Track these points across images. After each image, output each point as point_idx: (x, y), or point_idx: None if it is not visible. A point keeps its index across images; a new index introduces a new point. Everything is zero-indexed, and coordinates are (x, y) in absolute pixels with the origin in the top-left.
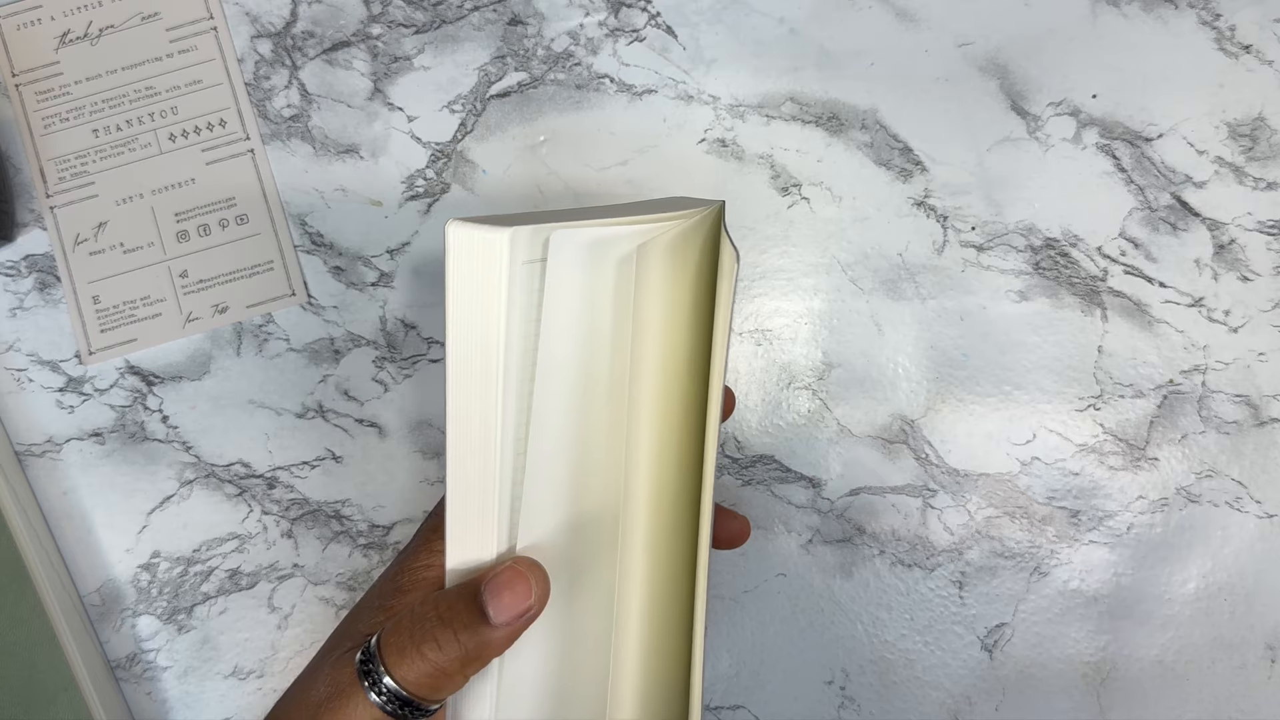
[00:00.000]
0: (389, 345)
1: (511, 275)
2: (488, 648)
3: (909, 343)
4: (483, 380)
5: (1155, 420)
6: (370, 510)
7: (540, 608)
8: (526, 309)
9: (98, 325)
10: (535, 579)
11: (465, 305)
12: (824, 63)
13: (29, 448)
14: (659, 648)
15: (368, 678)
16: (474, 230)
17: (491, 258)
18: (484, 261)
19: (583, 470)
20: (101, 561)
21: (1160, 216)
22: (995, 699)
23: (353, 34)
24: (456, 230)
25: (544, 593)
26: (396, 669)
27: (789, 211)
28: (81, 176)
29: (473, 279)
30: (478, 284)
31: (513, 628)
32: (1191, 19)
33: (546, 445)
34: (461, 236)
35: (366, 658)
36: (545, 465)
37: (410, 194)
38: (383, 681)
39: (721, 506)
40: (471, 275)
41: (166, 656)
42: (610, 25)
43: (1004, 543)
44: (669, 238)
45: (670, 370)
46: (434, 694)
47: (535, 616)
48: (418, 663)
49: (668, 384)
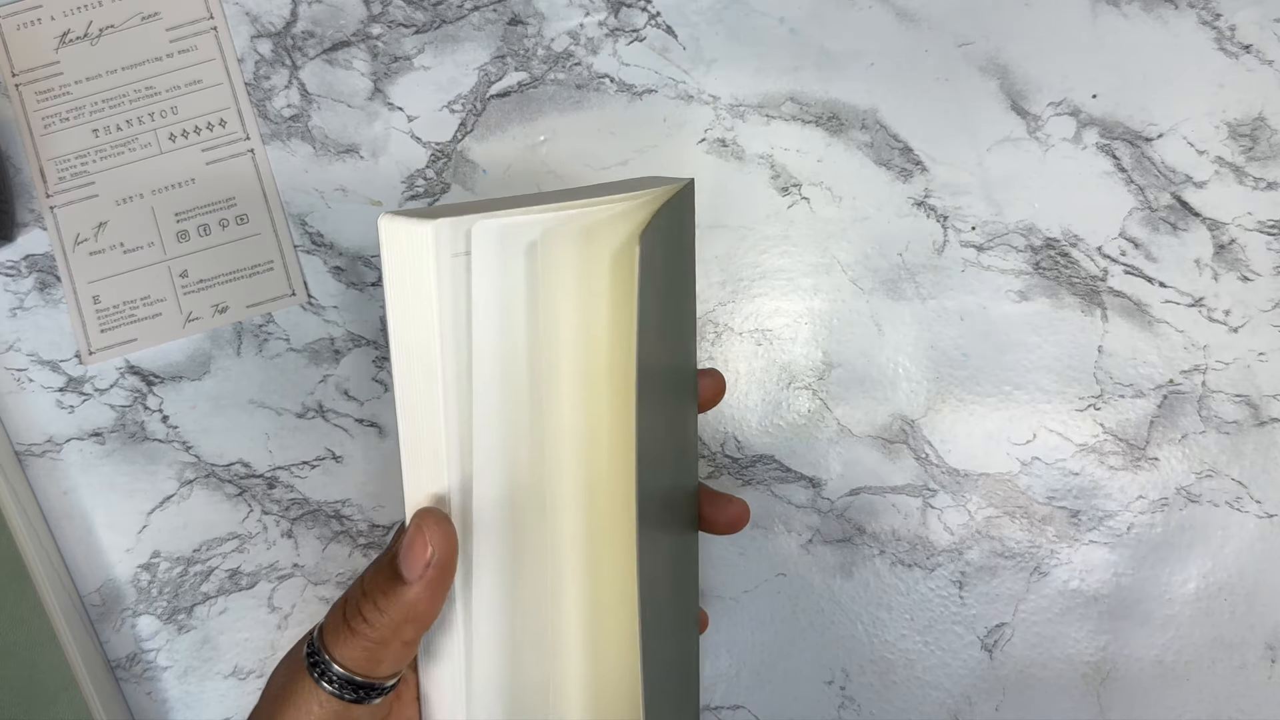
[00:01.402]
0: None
1: (439, 268)
2: (411, 608)
3: (909, 343)
4: (425, 375)
5: (1155, 420)
6: (370, 510)
7: (443, 552)
8: (457, 300)
9: (98, 325)
10: (429, 525)
11: (400, 298)
12: (824, 63)
13: (29, 448)
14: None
15: (315, 665)
16: (402, 224)
17: (419, 250)
18: (414, 255)
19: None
20: (101, 561)
21: (1160, 216)
22: (995, 699)
23: (353, 34)
24: (387, 224)
25: (440, 536)
26: (335, 650)
27: (789, 211)
28: (81, 176)
29: (405, 272)
30: (410, 277)
31: (426, 579)
32: (1191, 19)
33: (485, 440)
34: (391, 230)
35: (312, 646)
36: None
37: (410, 194)
38: (329, 665)
39: (718, 491)
40: (403, 268)
41: (167, 656)
42: (610, 25)
43: (1004, 543)
44: (579, 225)
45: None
46: (375, 669)
47: (444, 563)
48: (351, 640)
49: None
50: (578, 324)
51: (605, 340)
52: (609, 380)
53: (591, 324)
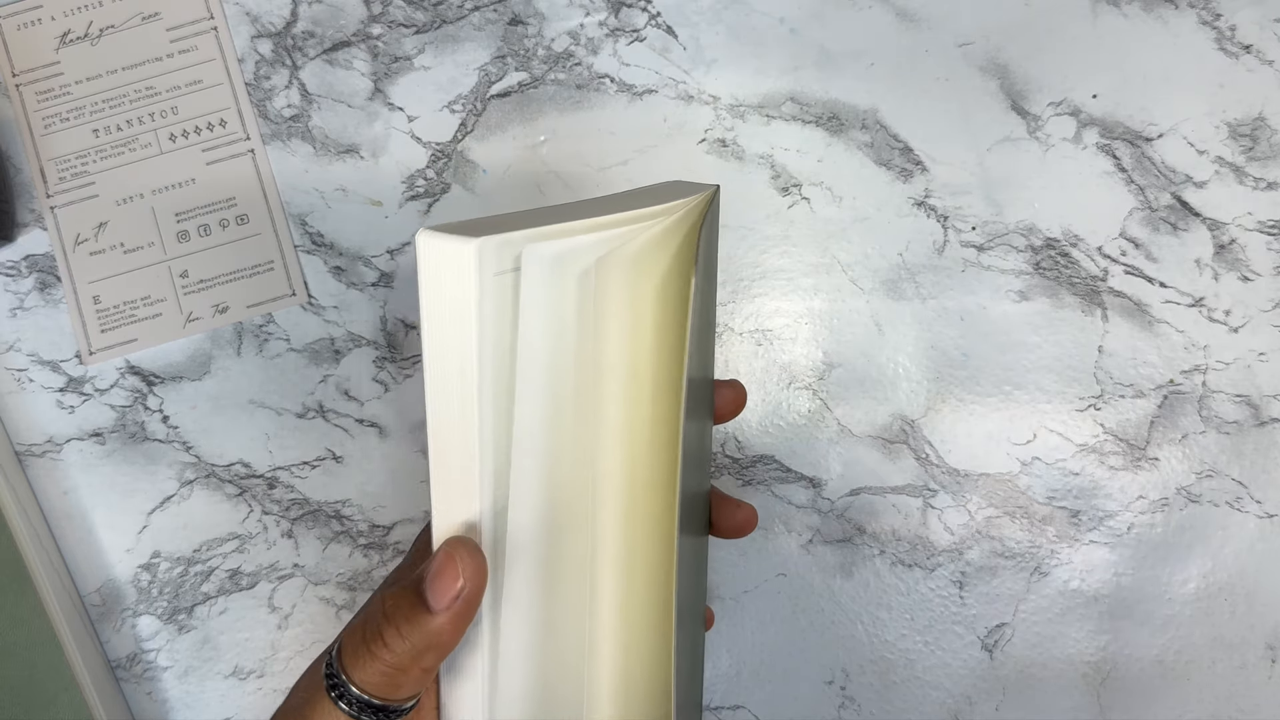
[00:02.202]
0: (389, 345)
1: (482, 288)
2: (434, 637)
3: (909, 343)
4: (460, 396)
5: (1155, 420)
6: (371, 510)
7: (474, 585)
8: (500, 320)
9: (98, 325)
10: (461, 557)
11: (438, 316)
12: (824, 63)
13: (29, 448)
14: (635, 644)
15: (334, 687)
16: (442, 241)
17: (461, 269)
18: (454, 273)
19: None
20: (102, 561)
21: (1160, 216)
22: (995, 699)
23: (353, 34)
24: (426, 241)
25: (474, 569)
26: (354, 673)
27: (789, 211)
28: (82, 176)
29: (444, 291)
30: (450, 296)
31: (453, 611)
32: (1192, 19)
33: (525, 462)
34: (431, 247)
35: (330, 667)
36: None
37: (410, 194)
38: (346, 688)
39: (727, 495)
40: (443, 287)
41: (167, 656)
42: (610, 25)
43: (1004, 543)
44: (632, 249)
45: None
46: (394, 693)
47: (473, 597)
48: (371, 664)
49: (635, 386)
50: (626, 343)
51: (652, 357)
52: (654, 397)
53: (639, 343)
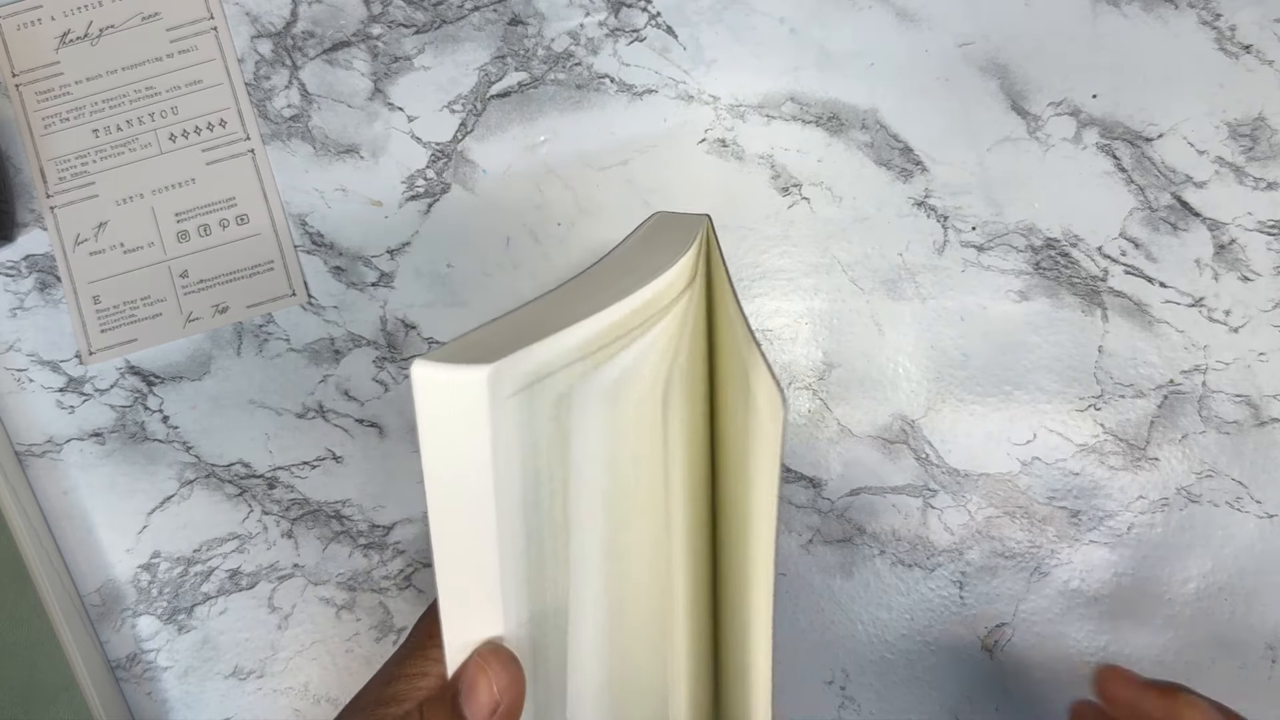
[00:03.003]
0: (389, 345)
1: (495, 416)
2: None
3: (909, 343)
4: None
5: (1155, 420)
6: (370, 510)
7: (511, 698)
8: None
9: (98, 325)
10: (493, 669)
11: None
12: (824, 63)
13: (29, 448)
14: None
15: None
16: (447, 373)
17: (471, 401)
18: (463, 405)
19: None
20: (102, 561)
21: (1160, 216)
22: (995, 699)
23: (353, 34)
24: (426, 374)
25: (509, 681)
26: None
27: (789, 211)
28: (82, 176)
29: (450, 424)
30: (456, 429)
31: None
32: (1191, 19)
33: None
34: (431, 380)
35: None
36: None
37: (410, 194)
38: None
39: None
40: (449, 419)
41: (167, 656)
42: (610, 25)
43: (1004, 543)
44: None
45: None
46: None
47: (512, 709)
48: None
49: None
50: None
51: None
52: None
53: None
